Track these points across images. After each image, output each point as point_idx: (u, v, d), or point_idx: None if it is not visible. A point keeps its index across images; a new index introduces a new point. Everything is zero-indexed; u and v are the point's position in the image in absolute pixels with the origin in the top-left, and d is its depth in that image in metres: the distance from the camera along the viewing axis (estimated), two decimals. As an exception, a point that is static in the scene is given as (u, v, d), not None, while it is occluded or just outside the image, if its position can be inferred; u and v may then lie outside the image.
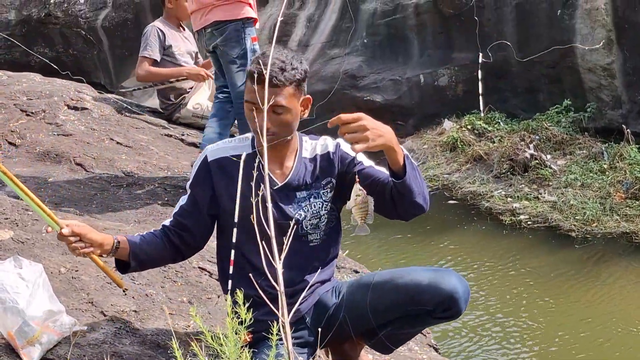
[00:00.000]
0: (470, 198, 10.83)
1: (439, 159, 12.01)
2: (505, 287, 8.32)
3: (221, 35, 6.33)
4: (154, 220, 5.93)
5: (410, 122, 13.19)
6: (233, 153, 3.60)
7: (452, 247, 9.37)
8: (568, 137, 11.33)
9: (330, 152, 3.64)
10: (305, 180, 3.61)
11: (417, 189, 3.39)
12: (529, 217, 10.01)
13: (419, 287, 3.54)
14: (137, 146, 7.25)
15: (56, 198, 6.03)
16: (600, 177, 10.40)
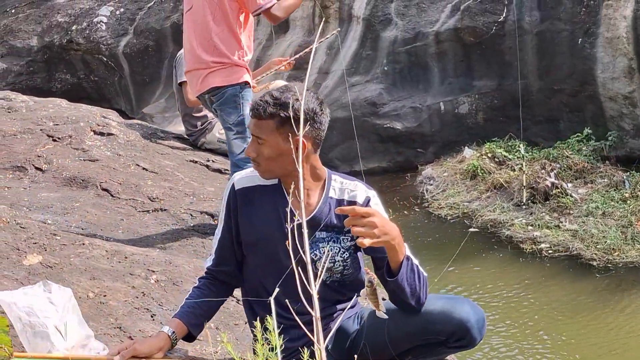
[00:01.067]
0: (490, 226, 10.82)
1: (460, 186, 12.00)
2: (525, 315, 8.31)
3: (218, 100, 6.11)
4: (179, 246, 5.96)
5: (430, 149, 13.21)
6: (259, 183, 3.64)
7: (473, 275, 9.37)
8: (589, 166, 11.33)
9: (357, 204, 3.60)
10: (327, 221, 3.61)
11: (409, 290, 3.47)
12: (550, 245, 9.99)
13: (432, 317, 3.54)
14: (162, 172, 7.29)
15: (82, 223, 6.07)
16: (621, 205, 10.38)
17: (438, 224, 11.22)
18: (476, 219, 11.07)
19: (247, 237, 3.65)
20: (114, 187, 6.82)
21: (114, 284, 4.84)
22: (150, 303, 4.70)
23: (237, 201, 3.64)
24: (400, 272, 3.39)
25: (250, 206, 3.62)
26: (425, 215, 11.58)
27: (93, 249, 5.29)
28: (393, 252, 3.36)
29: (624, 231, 9.87)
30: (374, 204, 3.61)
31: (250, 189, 3.64)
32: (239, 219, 3.65)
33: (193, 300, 3.74)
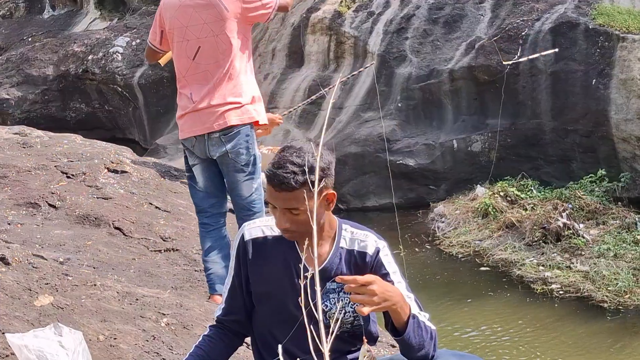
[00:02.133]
0: (501, 265, 10.81)
1: (471, 224, 12.00)
2: (535, 356, 8.28)
3: (230, 141, 5.79)
4: (190, 287, 5.98)
5: (442, 186, 13.23)
6: (269, 234, 3.65)
7: (483, 315, 9.35)
8: (601, 207, 11.32)
9: (367, 254, 3.60)
10: (338, 272, 3.62)
11: (417, 346, 3.45)
12: (561, 286, 9.97)
13: None
14: (175, 211, 7.32)
15: (95, 262, 6.09)
16: (633, 247, 10.37)
17: (449, 262, 11.21)
18: (487, 258, 11.06)
19: (258, 288, 3.65)
20: (127, 226, 6.85)
21: (125, 326, 4.86)
22: (161, 347, 4.72)
23: (247, 252, 3.63)
24: (406, 331, 3.39)
25: (261, 258, 3.63)
26: (436, 252, 11.58)
27: (104, 290, 5.31)
28: (396, 314, 3.37)
29: (635, 273, 9.85)
30: (383, 255, 3.62)
31: (261, 240, 3.64)
32: (249, 270, 3.65)
33: (202, 350, 3.74)
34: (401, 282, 3.62)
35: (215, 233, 5.95)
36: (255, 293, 3.67)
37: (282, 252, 3.59)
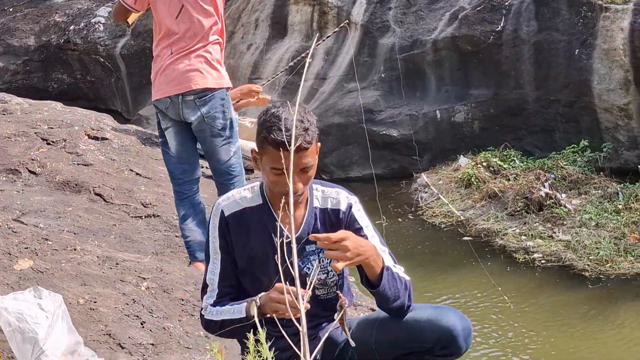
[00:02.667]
0: (484, 235, 10.82)
1: (454, 195, 12.01)
2: (517, 325, 8.31)
3: (205, 105, 5.78)
4: (171, 252, 5.97)
5: (425, 157, 13.21)
6: (246, 205, 3.62)
7: (465, 283, 9.37)
8: (583, 177, 11.33)
9: (340, 211, 3.65)
10: (315, 232, 3.61)
11: (392, 297, 3.50)
12: (543, 255, 9.99)
13: (419, 325, 3.56)
14: (156, 177, 7.30)
15: (75, 228, 6.07)
16: (615, 217, 10.39)
17: (432, 232, 11.21)
18: (470, 228, 11.07)
19: (242, 260, 3.64)
20: (107, 192, 6.82)
21: (105, 290, 4.85)
22: (141, 310, 4.71)
23: (230, 227, 3.62)
24: (381, 284, 3.42)
25: (243, 231, 3.61)
26: (419, 223, 11.58)
27: (84, 254, 5.29)
28: (369, 268, 3.41)
29: (616, 243, 9.88)
30: (355, 210, 3.65)
31: (240, 213, 3.62)
32: (234, 244, 3.63)
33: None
34: (374, 236, 3.64)
35: (189, 201, 5.95)
36: (240, 266, 3.65)
37: (262, 221, 3.58)
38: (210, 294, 3.66)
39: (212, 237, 3.65)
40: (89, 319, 4.51)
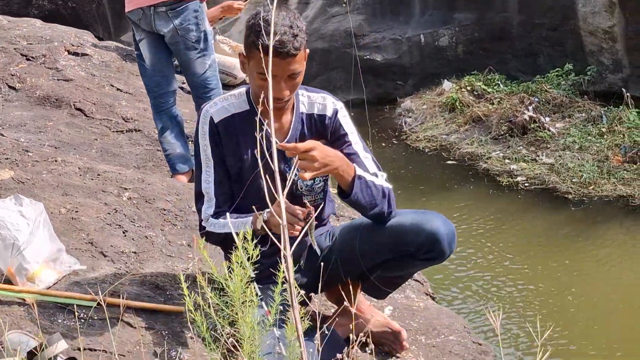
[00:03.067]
0: (468, 159, 10.84)
1: (438, 119, 12.00)
2: (500, 246, 8.35)
3: (177, 17, 5.64)
4: (154, 166, 5.93)
5: (409, 82, 13.17)
6: (235, 111, 3.57)
7: (449, 207, 9.38)
8: (567, 100, 11.32)
9: (326, 116, 3.62)
10: (302, 139, 3.57)
11: (368, 205, 3.49)
12: (526, 178, 10.02)
13: (403, 229, 3.55)
14: (137, 93, 7.21)
15: (56, 142, 6.02)
16: (598, 140, 10.40)
17: (416, 157, 11.23)
18: (454, 152, 11.08)
19: (233, 167, 3.60)
20: (88, 107, 6.75)
21: (86, 200, 4.81)
22: (123, 219, 4.68)
23: (220, 133, 3.57)
24: (353, 192, 3.41)
25: (233, 137, 3.56)
26: (403, 147, 11.58)
27: (65, 165, 5.24)
28: (339, 177, 3.41)
29: (599, 165, 9.90)
30: (341, 116, 3.62)
31: (229, 120, 3.57)
32: (224, 152, 3.59)
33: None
34: (358, 142, 3.61)
35: (166, 114, 5.90)
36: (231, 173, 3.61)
37: (250, 126, 3.52)
38: (209, 204, 3.61)
39: (203, 145, 3.59)
40: (71, 228, 4.47)
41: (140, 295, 3.89)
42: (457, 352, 4.01)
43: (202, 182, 3.61)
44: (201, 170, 3.61)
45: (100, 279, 3.95)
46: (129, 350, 3.46)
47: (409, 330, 4.09)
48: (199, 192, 3.64)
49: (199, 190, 3.63)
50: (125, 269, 4.15)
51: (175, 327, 3.70)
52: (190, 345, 3.57)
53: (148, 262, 4.28)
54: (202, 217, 3.63)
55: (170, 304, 3.84)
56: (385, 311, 4.25)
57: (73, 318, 3.53)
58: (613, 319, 6.97)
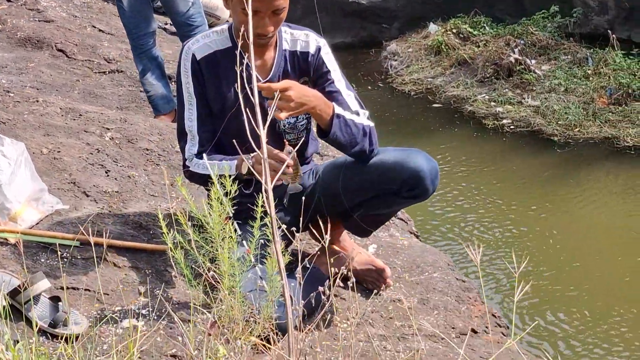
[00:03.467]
0: (453, 102, 10.81)
1: (424, 62, 11.94)
2: (485, 188, 8.36)
3: None
4: (136, 107, 5.90)
5: (395, 25, 13.07)
6: (217, 48, 3.54)
7: (435, 149, 9.36)
8: (553, 42, 11.28)
9: (309, 54, 3.58)
10: (285, 76, 3.55)
11: (348, 143, 3.48)
12: (512, 121, 10.00)
13: (386, 166, 3.54)
14: (119, 34, 7.15)
15: (38, 84, 5.97)
16: (584, 82, 10.38)
17: (401, 100, 11.18)
18: (439, 95, 11.05)
19: (214, 104, 3.57)
20: (70, 48, 6.69)
21: (68, 140, 4.79)
22: (105, 159, 4.66)
23: (202, 70, 3.53)
24: (331, 131, 3.39)
25: (215, 73, 3.53)
26: (389, 90, 11.54)
27: (47, 106, 5.21)
28: (317, 117, 3.39)
29: (585, 107, 9.89)
30: (324, 53, 3.59)
31: (212, 56, 3.53)
32: (207, 88, 3.56)
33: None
34: (341, 80, 3.60)
35: (146, 55, 5.85)
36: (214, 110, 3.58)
37: (232, 64, 3.49)
38: (192, 142, 3.59)
39: (185, 83, 3.56)
40: (53, 167, 4.45)
41: (124, 235, 3.88)
42: (441, 289, 4.02)
43: (185, 120, 3.59)
44: (184, 108, 3.58)
45: (83, 219, 3.94)
46: (113, 289, 3.46)
47: (393, 267, 4.10)
48: (181, 130, 3.62)
49: (182, 128, 3.61)
50: (108, 209, 4.14)
51: (158, 266, 3.70)
52: (174, 282, 3.57)
53: (131, 202, 4.27)
54: (186, 157, 3.61)
55: (154, 243, 3.83)
56: (369, 249, 4.26)
57: (56, 257, 3.53)
58: (595, 259, 7.01)
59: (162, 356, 3.09)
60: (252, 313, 2.82)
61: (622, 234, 7.51)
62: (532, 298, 6.30)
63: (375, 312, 3.73)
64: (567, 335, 5.89)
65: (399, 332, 3.58)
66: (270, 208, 2.34)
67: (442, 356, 3.42)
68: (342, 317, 3.60)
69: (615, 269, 6.87)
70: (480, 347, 3.65)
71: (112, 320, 3.22)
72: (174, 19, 5.86)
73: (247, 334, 2.68)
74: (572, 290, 6.46)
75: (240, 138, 3.08)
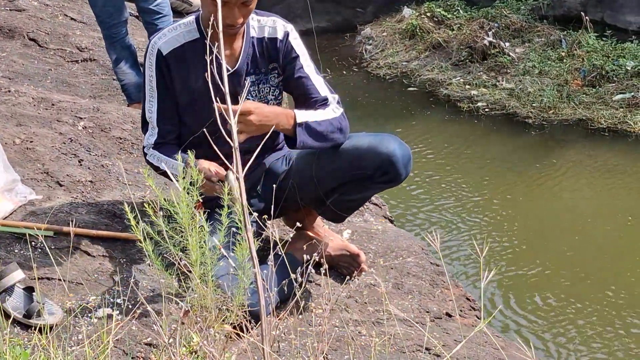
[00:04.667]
0: (428, 85, 10.83)
1: (398, 46, 11.95)
2: (461, 171, 8.39)
3: None
4: (109, 95, 5.87)
5: (369, 9, 13.08)
6: (185, 41, 3.53)
7: (410, 133, 9.39)
8: (527, 25, 11.31)
9: (277, 40, 3.59)
10: (253, 63, 3.57)
11: (321, 144, 3.53)
12: (487, 104, 10.04)
13: (359, 152, 3.55)
14: (91, 22, 7.11)
15: (9, 73, 5.93)
16: (558, 64, 10.42)
17: (376, 84, 11.20)
18: (414, 79, 11.06)
19: (183, 97, 3.57)
20: (42, 37, 6.65)
21: (41, 130, 4.77)
22: (78, 149, 4.65)
23: (169, 65, 3.53)
24: (298, 141, 3.44)
25: (184, 66, 3.53)
26: (364, 75, 11.54)
27: (19, 96, 5.19)
28: (281, 131, 3.48)
29: (559, 89, 9.93)
30: (292, 38, 3.60)
31: (179, 50, 3.53)
32: (174, 82, 3.56)
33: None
34: (310, 65, 3.62)
35: (119, 44, 5.82)
36: (182, 103, 3.59)
37: (201, 55, 3.49)
38: (151, 132, 3.63)
39: (149, 76, 3.57)
40: (26, 158, 4.43)
41: (98, 224, 3.88)
42: (415, 273, 4.04)
43: (146, 111, 3.63)
44: (146, 99, 3.62)
45: (57, 209, 3.93)
46: (87, 279, 3.46)
47: (368, 252, 4.12)
48: (143, 118, 3.68)
49: (144, 117, 3.67)
50: (81, 198, 4.13)
51: (133, 255, 3.70)
52: (148, 271, 3.57)
53: (105, 191, 4.26)
54: (144, 144, 3.67)
55: (128, 232, 3.83)
56: (343, 235, 4.27)
57: (30, 248, 3.52)
58: (570, 239, 7.06)
59: (137, 345, 3.10)
60: (225, 301, 2.83)
61: (595, 213, 7.57)
62: (508, 280, 6.34)
63: (350, 298, 3.74)
64: (544, 317, 5.93)
65: (373, 316, 3.59)
66: (242, 195, 2.35)
67: (417, 340, 3.43)
68: (317, 303, 3.61)
69: (590, 247, 6.93)
70: (455, 331, 3.67)
71: (86, 310, 3.22)
72: (141, 7, 5.83)
73: (220, 322, 2.69)
74: (547, 270, 6.51)
75: (211, 128, 3.09)
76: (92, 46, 6.64)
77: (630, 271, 6.53)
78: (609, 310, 5.98)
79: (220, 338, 2.71)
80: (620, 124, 9.18)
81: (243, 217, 2.35)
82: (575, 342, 5.66)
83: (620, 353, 5.56)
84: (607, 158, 8.65)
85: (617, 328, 5.78)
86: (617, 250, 6.89)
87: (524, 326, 5.82)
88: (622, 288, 6.25)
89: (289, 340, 3.24)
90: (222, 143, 2.57)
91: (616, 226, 7.27)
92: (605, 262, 6.69)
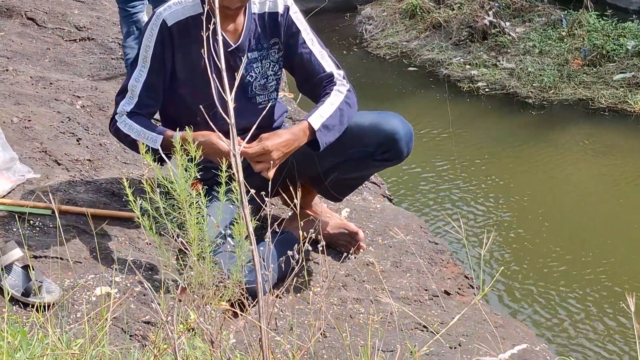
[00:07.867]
0: (429, 65, 10.81)
1: (398, 26, 11.92)
2: (462, 151, 8.38)
3: None
4: (107, 75, 5.85)
5: (370, -12, 13.04)
6: (189, 14, 3.51)
7: (409, 112, 9.35)
8: (527, 4, 11.30)
9: (278, 14, 3.59)
10: (256, 40, 3.56)
11: (338, 134, 3.49)
12: (487, 84, 10.02)
13: (361, 129, 3.55)
14: (89, 1, 7.09)
15: (8, 53, 5.92)
16: (558, 44, 10.40)
17: (377, 64, 11.18)
18: (415, 59, 11.04)
19: (183, 72, 3.55)
20: (40, 16, 6.63)
21: (39, 109, 4.76)
22: (76, 127, 4.64)
23: (173, 37, 3.51)
24: (320, 143, 3.42)
25: (187, 40, 3.51)
26: (364, 55, 11.52)
27: (17, 75, 5.18)
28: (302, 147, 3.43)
29: (559, 69, 9.92)
30: (292, 13, 3.60)
31: (183, 23, 3.51)
32: (175, 55, 3.54)
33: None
34: (313, 39, 3.61)
35: (131, 18, 5.75)
36: (180, 78, 3.57)
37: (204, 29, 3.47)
38: (129, 100, 3.55)
39: (146, 46, 3.53)
40: (24, 136, 4.43)
41: (96, 203, 3.87)
42: (414, 252, 4.04)
43: (132, 80, 3.56)
44: (134, 69, 3.56)
45: (55, 187, 3.93)
46: (85, 257, 3.46)
47: (366, 231, 4.11)
48: (124, 87, 3.59)
49: (125, 85, 3.58)
50: (80, 177, 4.13)
51: (131, 233, 3.70)
52: (146, 250, 3.57)
53: (103, 170, 4.26)
54: (117, 111, 3.56)
55: (126, 211, 3.82)
56: (342, 213, 4.27)
57: (28, 227, 3.52)
58: (570, 216, 7.08)
59: (135, 323, 3.10)
60: (222, 278, 2.83)
61: (595, 192, 7.58)
62: (507, 257, 6.36)
63: (349, 276, 3.74)
64: (544, 293, 5.95)
65: (372, 294, 3.60)
66: (238, 173, 2.34)
67: (415, 318, 3.44)
68: (315, 281, 3.61)
69: (589, 225, 6.95)
70: (453, 309, 3.67)
71: (85, 288, 3.22)
72: None
73: (217, 300, 2.69)
74: (545, 248, 6.51)
75: (205, 101, 3.08)
76: (90, 25, 6.61)
77: (628, 245, 6.55)
78: (610, 286, 6.00)
79: (218, 315, 2.71)
80: (621, 103, 9.16)
81: (240, 195, 2.34)
82: (573, 320, 5.68)
83: (620, 330, 5.58)
84: (607, 138, 8.65)
85: (615, 304, 5.78)
86: (615, 227, 6.90)
87: (523, 303, 5.83)
88: (622, 264, 6.27)
89: (286, 318, 3.24)
90: (219, 119, 2.56)
91: (616, 205, 7.28)
92: (604, 239, 6.70)
